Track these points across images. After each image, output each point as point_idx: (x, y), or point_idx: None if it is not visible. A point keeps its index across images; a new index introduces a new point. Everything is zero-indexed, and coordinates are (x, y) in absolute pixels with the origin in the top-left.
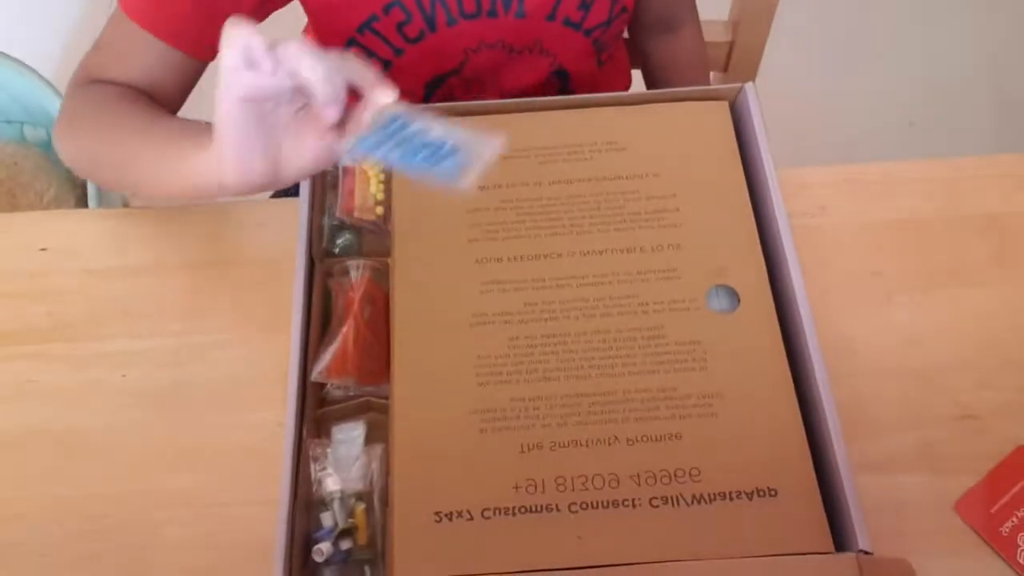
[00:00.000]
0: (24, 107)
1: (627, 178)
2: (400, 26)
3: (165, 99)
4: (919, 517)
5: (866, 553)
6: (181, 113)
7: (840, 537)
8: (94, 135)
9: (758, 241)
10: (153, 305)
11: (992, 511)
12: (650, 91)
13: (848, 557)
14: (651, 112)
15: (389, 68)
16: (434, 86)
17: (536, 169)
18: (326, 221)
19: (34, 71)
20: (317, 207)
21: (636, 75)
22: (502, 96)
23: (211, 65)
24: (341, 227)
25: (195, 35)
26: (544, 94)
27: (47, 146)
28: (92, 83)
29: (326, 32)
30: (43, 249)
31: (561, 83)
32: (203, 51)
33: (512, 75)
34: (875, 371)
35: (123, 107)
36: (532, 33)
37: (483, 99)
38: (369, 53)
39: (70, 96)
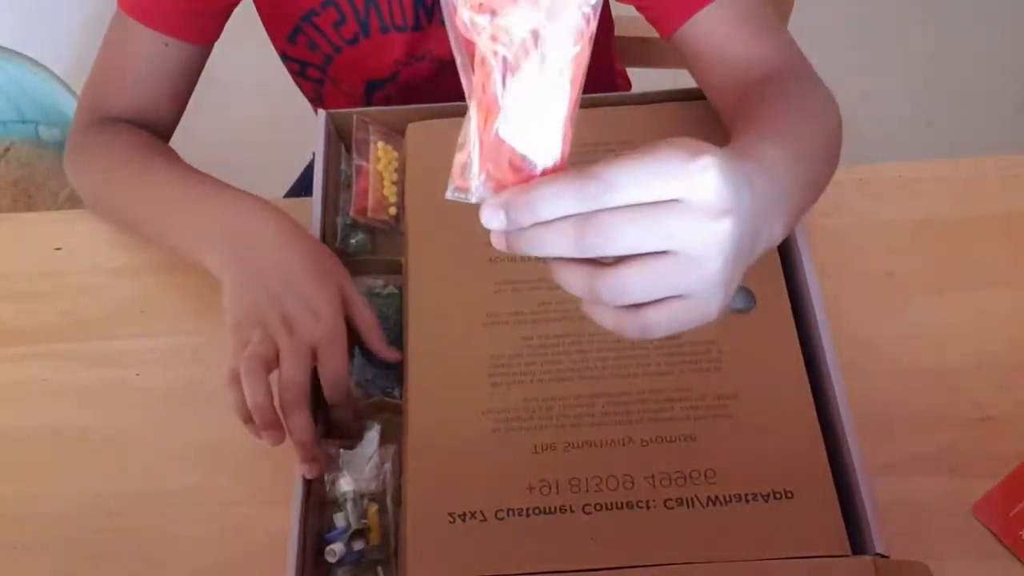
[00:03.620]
0: (39, 107)
1: None
2: (336, 25)
3: (170, 101)
4: (936, 520)
5: (883, 556)
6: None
7: (857, 540)
8: (100, 178)
9: None
10: (167, 304)
11: (1011, 514)
12: (665, 90)
13: (865, 561)
14: (666, 110)
15: (330, 63)
16: (373, 89)
17: None
18: (340, 220)
19: (49, 70)
20: (330, 206)
21: (637, 74)
22: (440, 99)
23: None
24: (354, 226)
25: (184, 19)
26: None
27: (62, 146)
28: (98, 123)
29: (271, 17)
30: (58, 248)
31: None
32: (193, 35)
33: (447, 82)
34: (892, 372)
35: (132, 159)
36: None
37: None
38: (313, 45)
39: (77, 137)
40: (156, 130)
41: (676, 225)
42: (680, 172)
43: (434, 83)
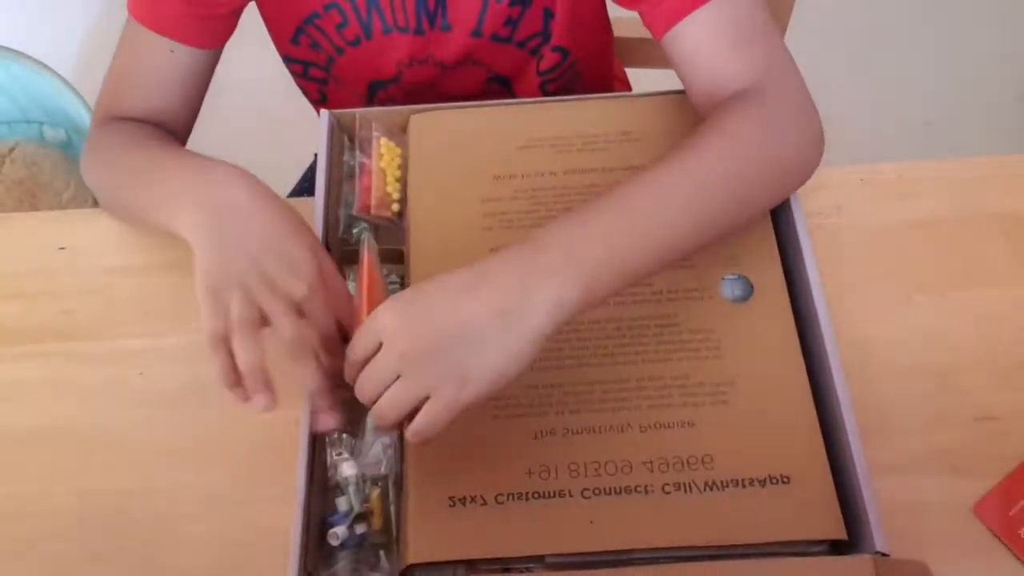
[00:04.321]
0: (43, 107)
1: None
2: (339, 27)
3: (182, 104)
4: (937, 519)
5: (883, 555)
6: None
7: (856, 538)
8: (104, 172)
9: (772, 230)
10: (171, 303)
11: (1011, 513)
12: (663, 91)
13: (865, 559)
14: (665, 103)
15: (332, 64)
16: (375, 89)
17: (551, 159)
18: (342, 211)
19: (54, 71)
20: (334, 198)
21: (638, 74)
22: (442, 101)
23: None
24: (357, 217)
25: (189, 24)
26: (487, 96)
27: (66, 146)
28: (111, 121)
29: (274, 20)
30: (62, 248)
31: (502, 87)
32: (199, 39)
33: (449, 85)
34: (893, 372)
35: (132, 146)
36: (460, 48)
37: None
38: (315, 45)
39: (91, 136)
40: (170, 133)
41: (381, 362)
42: (369, 327)
43: (436, 85)
